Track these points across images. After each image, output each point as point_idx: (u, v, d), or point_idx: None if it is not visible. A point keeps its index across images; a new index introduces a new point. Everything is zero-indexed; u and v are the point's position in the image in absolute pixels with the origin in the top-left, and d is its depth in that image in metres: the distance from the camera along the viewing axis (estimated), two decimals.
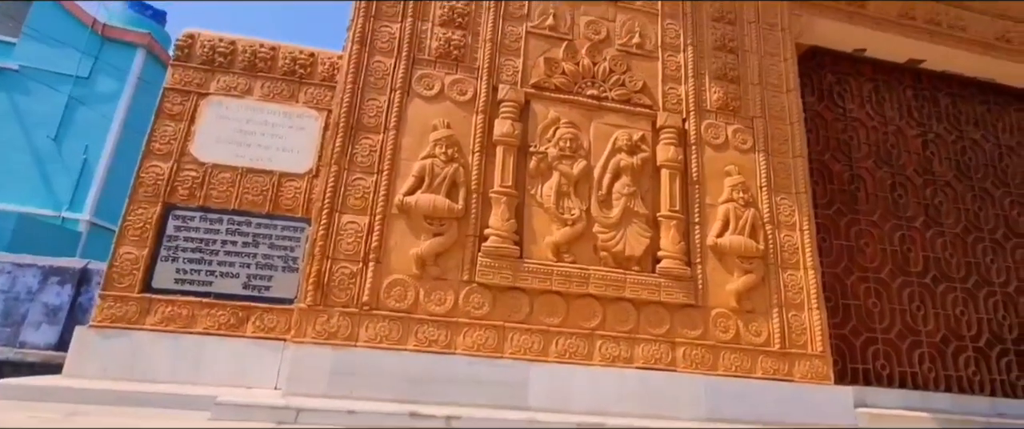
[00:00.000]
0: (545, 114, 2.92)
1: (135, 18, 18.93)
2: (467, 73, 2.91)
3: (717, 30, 3.32)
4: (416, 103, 2.81)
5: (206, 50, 2.93)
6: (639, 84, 3.10)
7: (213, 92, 2.89)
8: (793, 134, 3.21)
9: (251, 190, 2.76)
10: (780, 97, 3.29)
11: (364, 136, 2.71)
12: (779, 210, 3.03)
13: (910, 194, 3.63)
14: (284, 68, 2.98)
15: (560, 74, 3.01)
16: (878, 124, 3.75)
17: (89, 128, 15.24)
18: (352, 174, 2.65)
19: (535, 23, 3.09)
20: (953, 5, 3.79)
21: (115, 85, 15.96)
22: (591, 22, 3.16)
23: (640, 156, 2.93)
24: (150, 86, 16.52)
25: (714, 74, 3.22)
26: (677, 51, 3.23)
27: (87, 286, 3.99)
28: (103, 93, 15.93)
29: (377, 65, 2.83)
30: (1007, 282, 3.58)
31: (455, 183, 2.69)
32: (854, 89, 3.80)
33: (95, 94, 15.80)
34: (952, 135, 3.86)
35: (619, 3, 3.25)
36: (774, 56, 3.36)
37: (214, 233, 2.68)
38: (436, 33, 2.95)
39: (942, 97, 3.94)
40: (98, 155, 15.19)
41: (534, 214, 2.76)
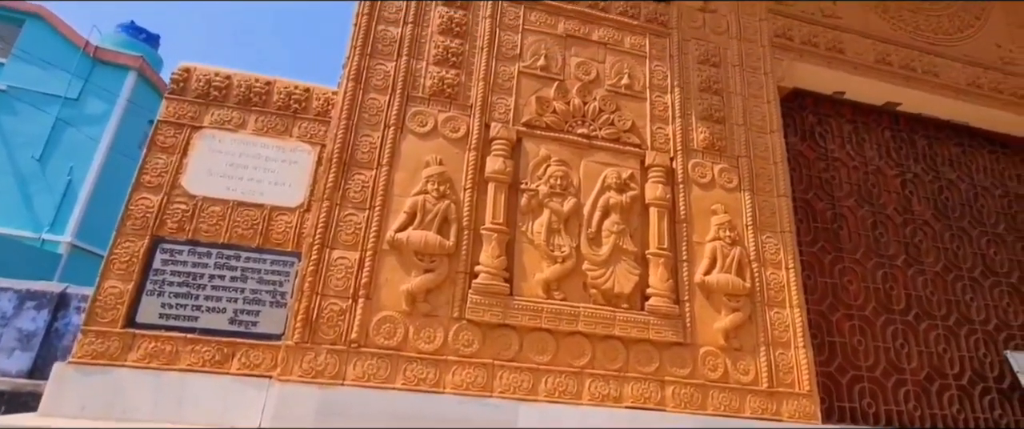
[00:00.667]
0: (536, 152, 2.98)
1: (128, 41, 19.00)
2: (460, 111, 2.97)
3: (703, 72, 3.44)
4: (409, 140, 2.85)
5: (201, 84, 2.95)
6: (628, 124, 3.17)
7: (207, 125, 2.90)
8: (777, 174, 3.30)
9: (241, 224, 2.75)
10: (764, 137, 3.38)
11: (357, 172, 2.73)
12: (765, 248, 3.09)
13: (891, 233, 3.72)
14: (279, 102, 3.01)
15: (551, 113, 3.08)
16: (858, 164, 3.86)
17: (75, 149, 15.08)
18: (344, 210, 2.66)
19: (527, 63, 3.17)
20: (926, 52, 3.97)
21: (104, 107, 15.89)
22: (581, 63, 3.26)
23: (629, 194, 2.98)
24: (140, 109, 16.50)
25: (700, 115, 3.31)
26: (665, 92, 3.33)
27: (65, 311, 3.91)
28: (92, 115, 15.84)
29: (371, 102, 2.87)
30: (987, 320, 3.66)
31: (447, 219, 2.71)
32: (835, 130, 3.93)
33: (84, 116, 15.70)
34: (929, 175, 3.98)
35: (608, 45, 3.36)
36: (757, 98, 3.48)
37: (202, 267, 2.66)
38: (430, 71, 3.01)
39: (919, 139, 4.08)
40: (83, 176, 15.00)
41: (524, 251, 2.78)
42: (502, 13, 3.25)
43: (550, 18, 3.32)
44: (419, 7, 3.12)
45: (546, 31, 3.28)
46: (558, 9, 3.34)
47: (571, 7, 3.36)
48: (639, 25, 3.45)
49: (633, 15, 3.47)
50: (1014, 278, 3.84)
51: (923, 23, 4.11)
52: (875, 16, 4.01)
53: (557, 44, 3.27)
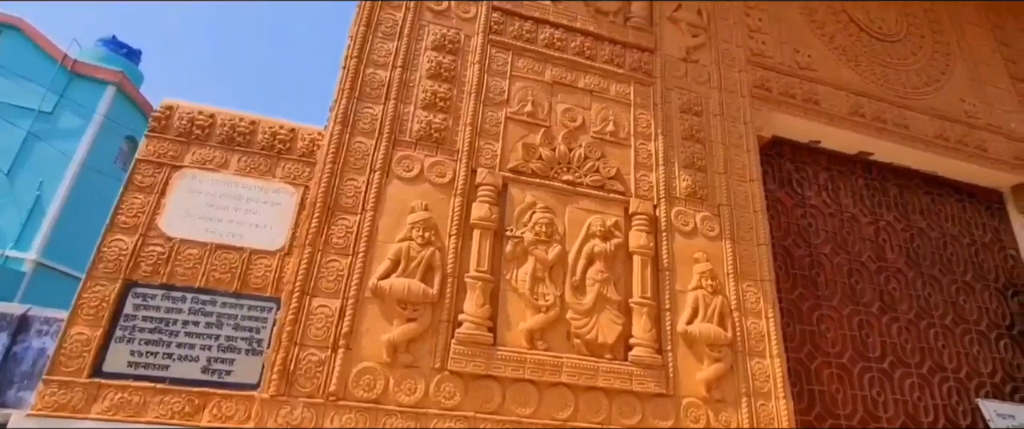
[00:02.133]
0: (522, 198, 2.99)
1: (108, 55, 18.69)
2: (447, 156, 2.98)
3: (685, 121, 3.52)
4: (395, 184, 2.84)
5: (184, 122, 2.91)
6: (613, 171, 3.22)
7: (187, 165, 2.85)
8: (757, 222, 3.36)
9: (219, 267, 2.68)
10: (744, 186, 3.46)
11: (341, 216, 2.71)
12: (745, 297, 3.13)
13: (866, 280, 3.80)
14: (263, 142, 2.98)
15: (537, 159, 3.10)
16: (834, 211, 3.97)
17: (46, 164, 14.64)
18: (326, 256, 2.62)
19: (514, 109, 3.20)
20: (896, 105, 4.14)
21: (79, 122, 15.51)
22: (568, 110, 3.31)
23: (613, 242, 3.00)
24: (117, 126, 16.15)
25: (683, 163, 3.38)
26: (649, 140, 3.39)
27: (25, 334, 3.71)
28: (66, 129, 15.43)
29: (358, 145, 2.86)
30: (958, 367, 3.74)
31: (431, 267, 2.68)
32: (812, 177, 4.04)
33: (57, 130, 15.29)
34: (901, 223, 4.11)
35: (594, 93, 3.42)
36: (738, 147, 3.57)
37: (176, 312, 2.57)
38: (418, 116, 3.02)
39: (891, 187, 4.22)
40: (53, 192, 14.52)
41: (509, 299, 2.76)
42: (490, 59, 3.29)
43: (537, 65, 3.38)
44: (409, 51, 3.15)
45: (533, 78, 3.33)
46: (545, 56, 3.40)
47: (558, 55, 3.43)
48: (624, 73, 3.53)
49: (618, 63, 3.55)
50: (983, 325, 3.96)
51: (893, 77, 4.29)
52: (848, 69, 4.18)
53: (544, 91, 3.32)
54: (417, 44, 3.19)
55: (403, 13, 3.22)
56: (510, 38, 3.38)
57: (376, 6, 3.19)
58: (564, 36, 3.50)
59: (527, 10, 3.48)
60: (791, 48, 4.08)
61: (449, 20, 3.31)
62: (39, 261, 13.04)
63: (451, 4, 3.36)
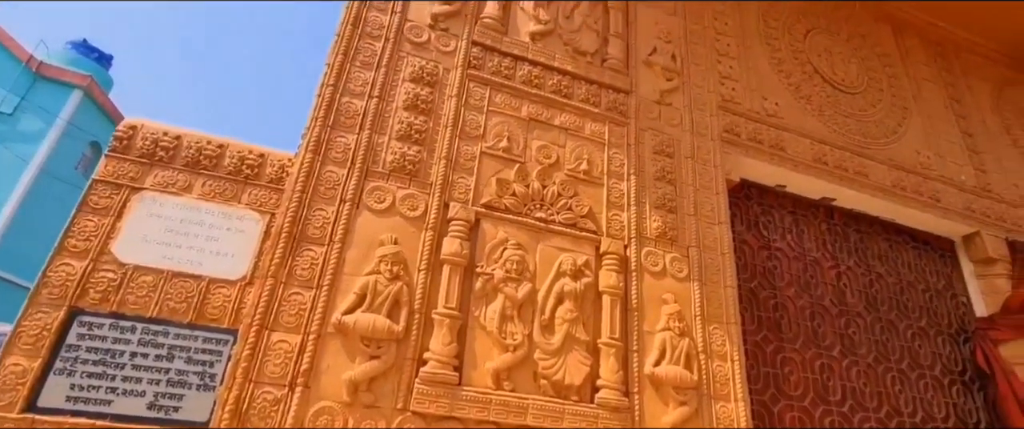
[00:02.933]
0: (494, 234, 2.98)
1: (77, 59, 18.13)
2: (420, 188, 2.95)
3: (658, 162, 3.59)
4: (365, 216, 2.79)
5: (148, 143, 2.81)
6: (585, 209, 3.24)
7: (148, 187, 2.74)
8: (724, 264, 3.42)
9: (174, 296, 2.56)
10: (713, 228, 3.53)
11: (307, 247, 2.64)
12: (712, 340, 3.15)
13: (827, 323, 3.89)
14: (230, 167, 2.90)
15: (510, 195, 3.11)
16: (798, 254, 4.08)
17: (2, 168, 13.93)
18: (289, 288, 2.54)
19: (490, 144, 3.21)
20: (857, 154, 4.32)
21: (40, 126, 14.90)
22: (543, 147, 3.34)
23: (583, 281, 3.00)
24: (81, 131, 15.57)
25: (654, 203, 3.43)
26: (621, 179, 3.44)
27: None
28: (25, 132, 14.81)
29: (329, 175, 2.81)
30: (914, 412, 3.83)
31: (398, 302, 2.63)
32: (777, 220, 4.15)
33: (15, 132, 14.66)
34: (861, 268, 4.24)
35: (570, 131, 3.47)
36: (708, 189, 3.65)
37: (124, 343, 2.44)
38: (392, 147, 3.00)
39: (852, 233, 4.37)
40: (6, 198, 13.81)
41: (477, 337, 2.72)
42: (468, 93, 3.31)
43: (515, 101, 3.41)
44: (386, 81, 3.14)
45: (510, 114, 3.36)
46: (523, 93, 3.44)
47: (535, 92, 3.47)
48: (600, 113, 3.59)
49: (594, 103, 3.61)
50: (937, 371, 4.08)
51: (854, 127, 4.49)
52: (812, 118, 4.35)
53: (520, 127, 3.34)
54: (395, 75, 3.19)
55: (382, 44, 3.22)
56: (488, 73, 3.41)
57: (356, 35, 3.19)
58: (542, 74, 3.56)
59: (506, 47, 3.53)
60: (760, 95, 4.24)
61: (428, 53, 3.33)
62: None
63: (431, 37, 3.38)
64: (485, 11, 3.60)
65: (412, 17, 3.39)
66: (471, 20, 3.52)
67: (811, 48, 4.75)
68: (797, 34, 4.78)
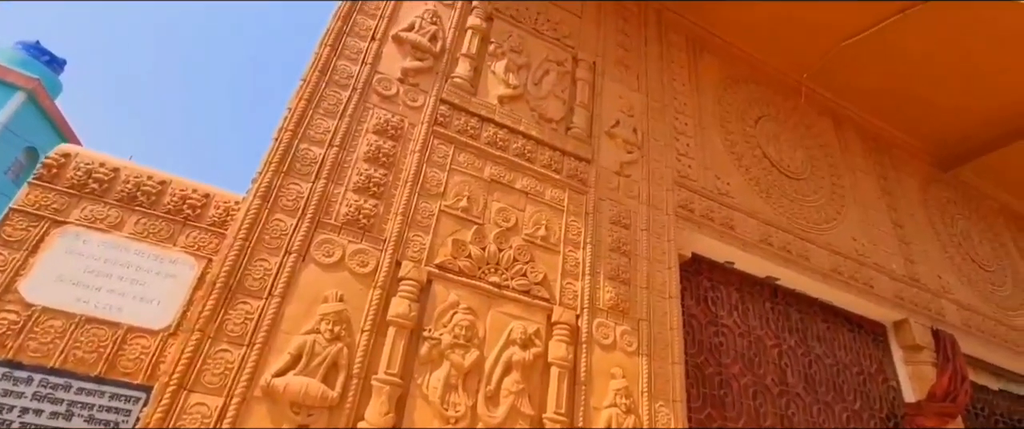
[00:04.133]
0: (445, 296, 2.89)
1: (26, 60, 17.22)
2: (372, 244, 2.86)
3: (614, 233, 3.64)
4: (311, 269, 2.66)
5: (80, 173, 2.62)
6: (540, 276, 3.22)
7: (73, 221, 2.53)
8: (672, 340, 3.44)
9: (83, 345, 2.32)
10: (664, 302, 3.56)
11: (242, 300, 2.47)
12: (657, 418, 3.12)
13: (768, 403, 3.95)
14: (170, 205, 2.72)
15: (466, 257, 3.05)
16: (743, 332, 4.16)
17: None
18: (217, 344, 2.35)
19: (449, 203, 3.18)
20: (800, 238, 4.54)
21: None
22: (502, 209, 3.33)
23: (532, 351, 2.94)
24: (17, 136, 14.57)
25: (608, 274, 3.45)
26: (578, 248, 3.45)
27: None
28: None
29: (276, 223, 2.69)
30: None
31: (336, 365, 2.47)
32: (725, 296, 4.25)
33: None
34: (801, 349, 4.37)
35: (530, 195, 3.48)
36: (661, 263, 3.71)
37: (15, 397, 2.16)
38: (348, 198, 2.91)
39: (793, 312, 4.52)
40: None
41: (417, 407, 2.58)
42: (432, 150, 3.30)
43: (478, 161, 3.42)
44: (349, 131, 3.09)
45: (473, 173, 3.36)
46: (487, 154, 3.46)
47: (499, 154, 3.50)
48: (561, 179, 3.64)
49: (556, 169, 3.67)
50: None
51: (798, 211, 4.74)
52: (760, 200, 4.57)
53: (481, 188, 3.34)
54: (359, 125, 3.15)
55: (349, 93, 3.19)
56: (454, 132, 3.42)
57: (322, 82, 3.15)
58: (507, 137, 3.60)
59: (474, 107, 3.57)
60: (713, 174, 4.43)
61: (395, 106, 3.32)
62: None
63: (400, 91, 3.38)
64: (456, 70, 3.65)
65: (383, 69, 3.39)
66: (441, 78, 3.56)
67: (761, 133, 5.06)
68: (749, 119, 5.09)
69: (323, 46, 3.24)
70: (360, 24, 3.46)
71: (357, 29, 3.43)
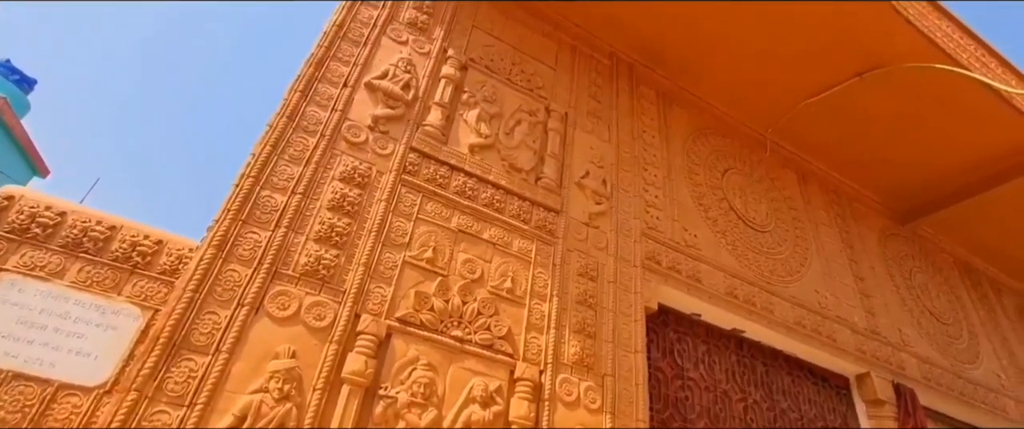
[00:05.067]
0: (405, 351, 2.81)
1: None
2: (331, 296, 2.78)
3: (581, 285, 3.63)
4: (263, 323, 2.56)
5: (23, 218, 2.50)
6: (504, 330, 3.16)
7: (10, 268, 2.40)
8: (637, 397, 3.40)
9: (8, 404, 2.16)
10: (629, 357, 3.53)
11: (187, 356, 2.35)
12: None
13: None
14: (118, 252, 2.61)
15: (428, 310, 2.99)
16: (709, 385, 4.15)
17: None
18: (154, 404, 2.22)
19: (414, 253, 3.13)
20: (764, 290, 4.60)
21: None
22: (468, 260, 3.29)
23: (493, 410, 2.86)
24: None
25: (574, 328, 3.42)
26: (544, 300, 3.42)
27: None
28: None
29: (230, 274, 2.59)
30: None
31: (284, 427, 2.35)
32: (691, 349, 4.25)
33: None
34: (767, 403, 4.37)
35: (497, 246, 3.46)
36: (627, 316, 3.70)
37: None
38: (308, 248, 2.84)
39: (759, 365, 4.54)
40: None
41: None
42: (399, 199, 3.27)
43: (446, 211, 3.40)
44: (314, 178, 3.05)
45: (440, 223, 3.33)
46: (455, 204, 3.45)
47: (468, 203, 3.49)
48: (529, 230, 3.64)
49: (525, 219, 3.67)
50: None
51: (763, 264, 4.83)
52: (726, 252, 4.65)
53: (448, 238, 3.31)
54: (325, 172, 3.11)
55: (317, 139, 3.16)
56: (423, 180, 3.41)
57: (290, 128, 3.12)
58: (477, 186, 3.60)
59: (445, 156, 3.57)
60: (681, 226, 4.50)
61: (364, 153, 3.30)
62: None
63: (370, 138, 3.37)
64: (428, 119, 3.67)
65: (353, 116, 3.38)
66: (413, 126, 3.57)
67: (728, 185, 5.18)
68: (717, 171, 5.22)
69: (293, 92, 3.22)
70: (333, 71, 3.46)
71: (330, 75, 3.43)
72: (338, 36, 3.60)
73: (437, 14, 4.22)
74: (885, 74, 4.93)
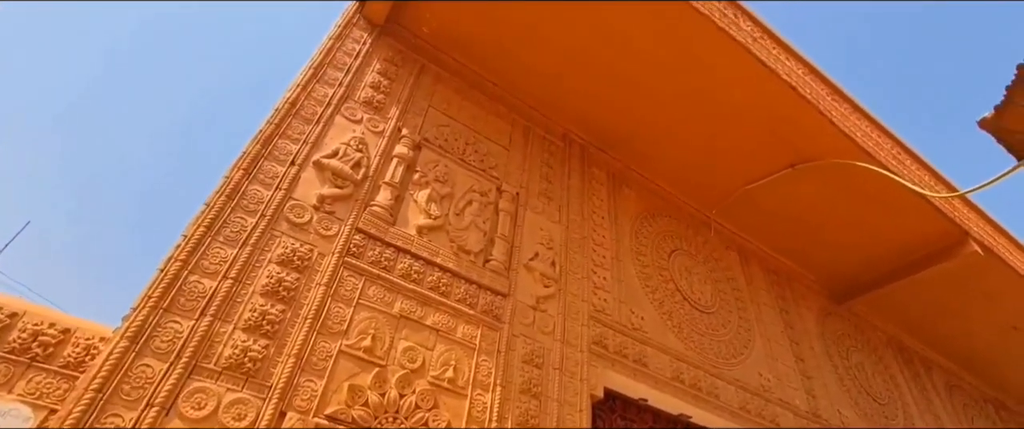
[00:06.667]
0: None
1: None
2: (254, 392, 2.59)
3: (526, 372, 3.55)
4: (173, 426, 2.35)
5: None
6: (443, 424, 3.02)
7: None
8: None
9: None
10: None
11: None
12: None
13: None
14: (16, 342, 2.38)
15: (362, 405, 2.83)
16: None
17: None
18: None
19: (351, 342, 3.01)
20: (710, 374, 4.64)
21: None
22: (409, 348, 3.18)
23: None
24: None
25: (517, 419, 3.30)
26: (486, 390, 3.32)
27: None
28: None
29: (142, 370, 2.40)
30: None
31: None
32: None
33: None
34: None
35: (441, 332, 3.38)
36: (572, 405, 3.62)
37: None
38: (234, 338, 2.68)
39: None
40: None
41: None
42: (340, 283, 3.17)
43: (389, 295, 3.31)
44: (249, 262, 2.93)
45: (382, 309, 3.23)
46: (399, 288, 3.37)
47: (412, 287, 3.42)
48: (475, 315, 3.58)
49: (471, 304, 3.62)
50: None
51: (708, 346, 4.90)
52: (673, 335, 4.70)
53: (389, 324, 3.20)
54: (262, 255, 3.00)
55: (256, 219, 3.07)
56: (367, 263, 3.33)
57: (228, 207, 3.02)
58: (423, 269, 3.55)
59: (391, 238, 3.53)
60: (628, 308, 4.54)
61: (306, 234, 3.22)
62: None
63: (313, 219, 3.30)
64: (377, 198, 3.64)
65: (298, 196, 3.32)
66: (360, 206, 3.53)
67: (674, 266, 5.33)
68: (663, 252, 5.37)
69: (236, 170, 3.15)
70: (281, 148, 3.42)
71: (277, 153, 3.38)
72: (290, 113, 3.59)
73: (394, 93, 4.30)
74: (815, 166, 5.31)
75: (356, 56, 4.21)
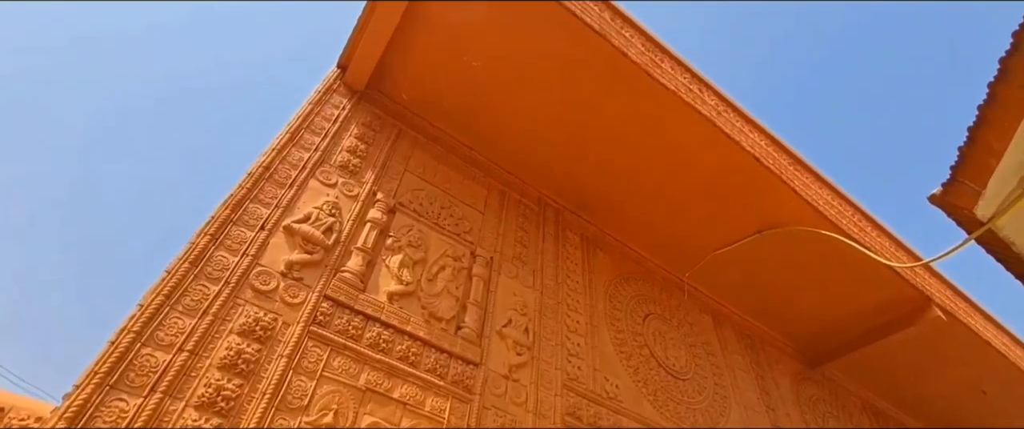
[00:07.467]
0: None
1: None
2: None
3: None
4: None
5: None
6: None
7: None
8: None
9: None
10: None
11: None
12: None
13: None
14: None
15: None
16: None
17: None
18: None
19: (311, 419, 2.86)
20: None
21: None
22: (374, 425, 3.04)
23: None
24: None
25: None
26: None
27: None
28: None
29: None
30: None
31: None
32: None
33: None
34: None
35: (408, 406, 3.25)
36: None
37: None
38: (185, 416, 2.52)
39: None
40: None
41: None
42: (304, 353, 3.05)
43: (354, 367, 3.19)
44: (208, 332, 2.81)
45: (346, 381, 3.10)
46: (366, 358, 3.26)
47: (380, 358, 3.31)
48: (444, 387, 3.46)
49: (441, 374, 3.51)
50: None
51: (684, 414, 4.80)
52: (647, 403, 4.61)
53: (353, 398, 3.07)
54: (222, 325, 2.88)
55: (219, 288, 2.98)
56: (334, 332, 3.23)
57: (191, 274, 2.93)
58: (392, 337, 3.45)
59: (360, 305, 3.45)
60: (603, 376, 4.46)
61: (271, 303, 3.12)
62: None
63: (280, 286, 3.22)
64: (347, 264, 3.59)
65: (265, 262, 3.25)
66: (330, 272, 3.47)
67: (648, 331, 5.30)
68: (637, 317, 5.36)
69: (202, 235, 3.09)
70: (251, 212, 3.38)
71: (247, 218, 3.34)
72: (263, 177, 3.57)
73: (371, 157, 4.34)
74: (782, 233, 5.47)
75: (335, 120, 4.27)
